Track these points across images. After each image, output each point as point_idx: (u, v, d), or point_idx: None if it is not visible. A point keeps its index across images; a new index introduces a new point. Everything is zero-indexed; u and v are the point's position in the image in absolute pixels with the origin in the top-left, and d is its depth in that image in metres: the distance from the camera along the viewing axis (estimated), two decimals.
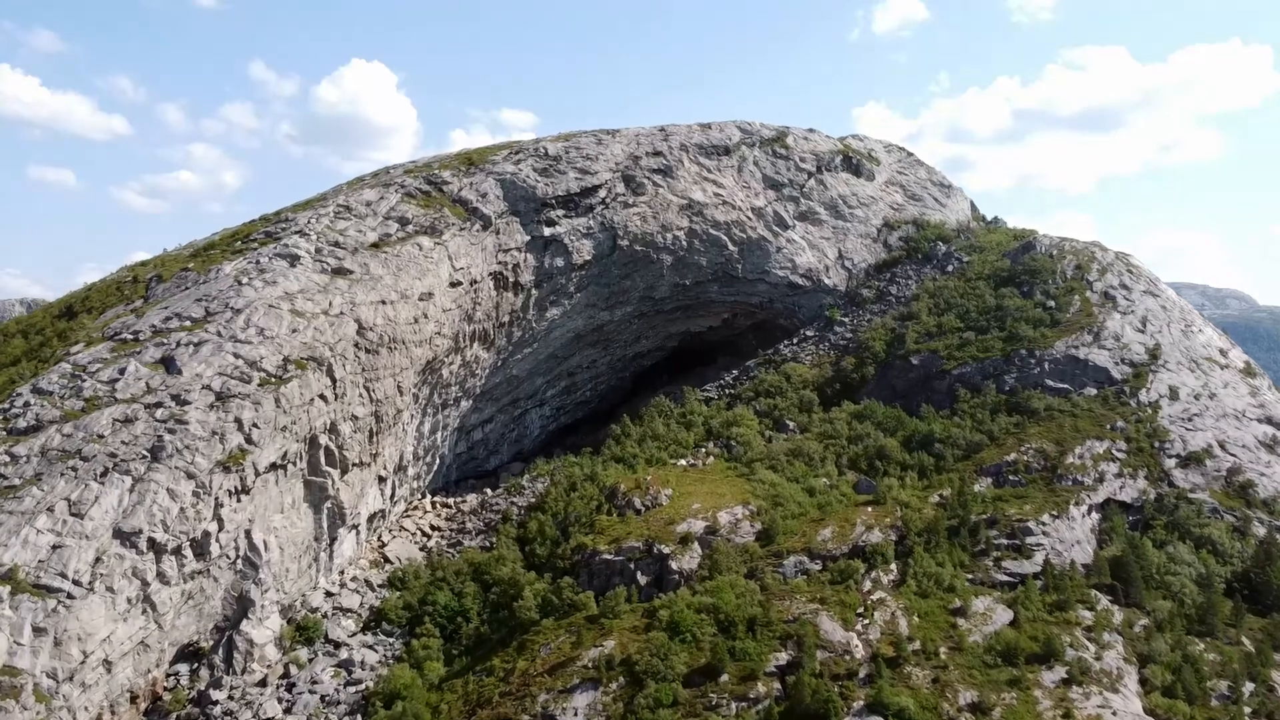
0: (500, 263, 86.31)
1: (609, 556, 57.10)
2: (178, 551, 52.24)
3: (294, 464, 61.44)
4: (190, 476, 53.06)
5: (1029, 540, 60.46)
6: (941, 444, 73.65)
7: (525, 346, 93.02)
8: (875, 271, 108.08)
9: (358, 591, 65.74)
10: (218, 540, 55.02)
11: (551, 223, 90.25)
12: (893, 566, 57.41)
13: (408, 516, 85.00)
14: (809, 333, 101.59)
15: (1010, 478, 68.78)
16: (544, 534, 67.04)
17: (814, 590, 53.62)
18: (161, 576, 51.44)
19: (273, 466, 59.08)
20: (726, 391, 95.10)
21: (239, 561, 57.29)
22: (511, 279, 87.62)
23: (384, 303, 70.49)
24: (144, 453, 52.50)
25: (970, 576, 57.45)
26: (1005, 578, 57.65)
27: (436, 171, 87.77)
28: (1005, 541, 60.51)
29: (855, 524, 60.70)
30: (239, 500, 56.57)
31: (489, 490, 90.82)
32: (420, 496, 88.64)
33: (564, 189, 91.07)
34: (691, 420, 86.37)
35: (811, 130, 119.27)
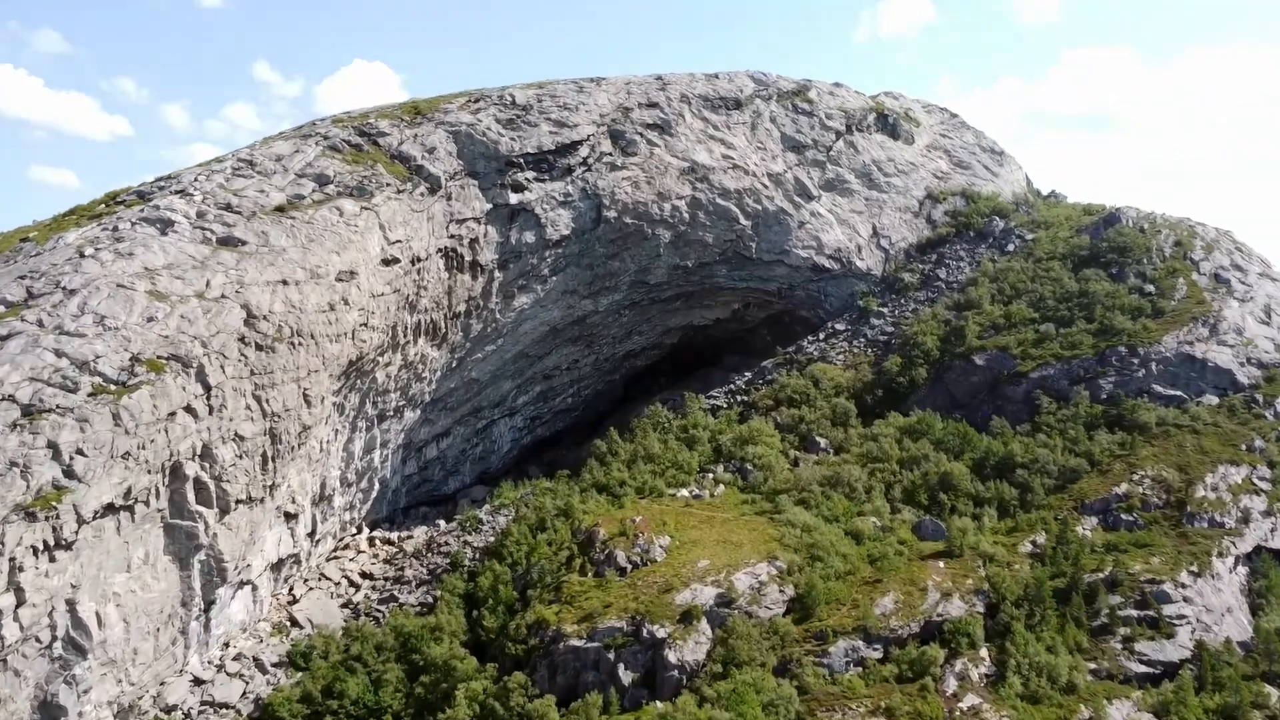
0: (453, 236, 71.25)
1: (578, 642, 41.84)
2: None
3: (145, 503, 46.27)
4: None
5: (1167, 610, 45.47)
6: (1025, 470, 58.64)
7: (488, 343, 78.00)
8: (918, 252, 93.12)
9: (242, 675, 50.61)
10: (17, 618, 39.90)
11: (519, 187, 75.18)
12: (984, 653, 42.40)
13: (335, 558, 70.05)
14: (839, 326, 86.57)
15: (1123, 517, 53.82)
16: (497, 595, 51.96)
17: (876, 694, 38.60)
18: None
19: (110, 509, 43.92)
20: (738, 399, 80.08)
21: (57, 644, 42.19)
22: (468, 258, 72.59)
23: (285, 283, 55.37)
24: None
25: (1094, 667, 42.45)
26: (1143, 668, 42.70)
27: (372, 121, 72.68)
28: (1135, 613, 45.51)
29: (925, 588, 45.65)
30: (52, 559, 41.39)
31: (442, 523, 76.01)
32: (355, 531, 73.73)
33: (535, 145, 75.99)
34: (695, 436, 71.35)
35: (838, 84, 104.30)
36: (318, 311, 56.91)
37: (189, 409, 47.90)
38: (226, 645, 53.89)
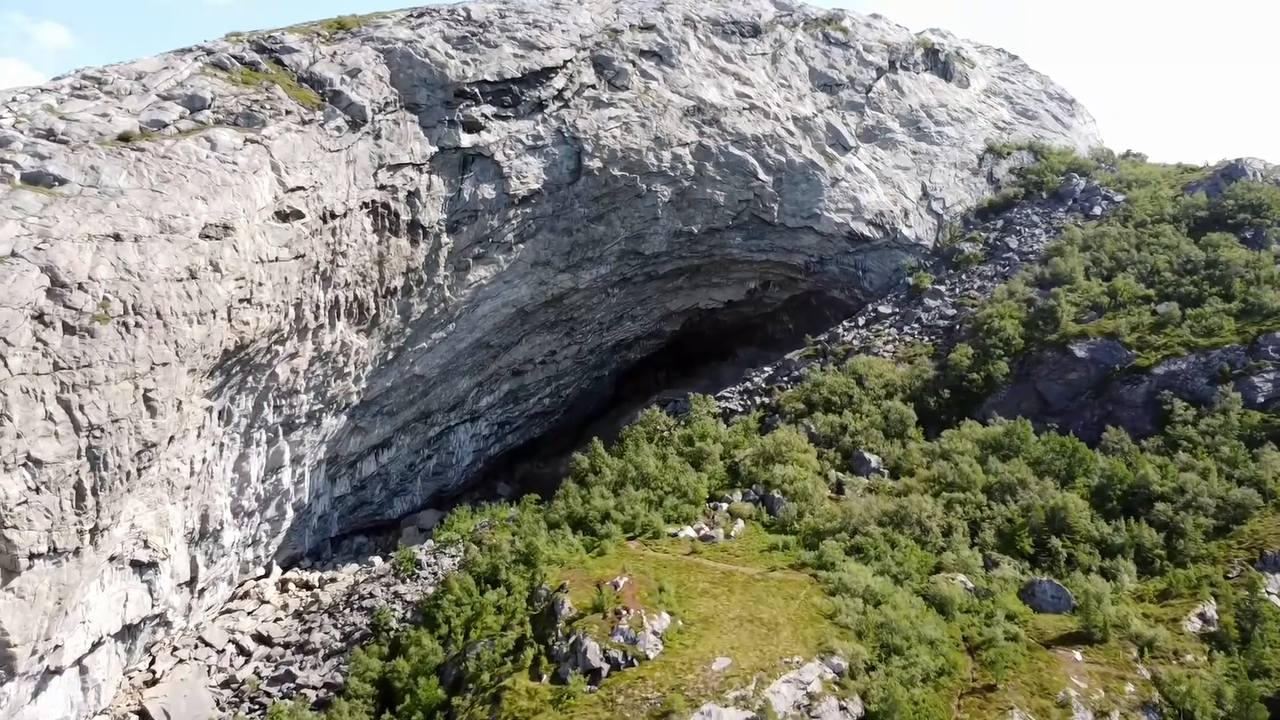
0: (384, 188, 56.20)
1: None
2: None
3: None
4: None
5: None
6: (1168, 503, 43.59)
7: (435, 329, 63.07)
8: (978, 217, 78.22)
9: None
10: None
11: (474, 126, 60.14)
12: None
13: (229, 611, 55.30)
14: (883, 309, 71.53)
15: None
16: (415, 693, 36.94)
17: None
18: None
19: None
20: (758, 401, 65.07)
21: None
22: (405, 216, 57.61)
23: (118, 238, 40.11)
24: None
25: None
26: None
27: (278, 36, 57.53)
28: None
29: (1066, 702, 30.55)
30: None
31: (377, 560, 61.73)
32: (262, 573, 58.98)
33: (495, 71, 60.87)
34: (703, 450, 56.34)
35: (876, 16, 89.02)
36: (170, 280, 41.59)
37: None
38: None
